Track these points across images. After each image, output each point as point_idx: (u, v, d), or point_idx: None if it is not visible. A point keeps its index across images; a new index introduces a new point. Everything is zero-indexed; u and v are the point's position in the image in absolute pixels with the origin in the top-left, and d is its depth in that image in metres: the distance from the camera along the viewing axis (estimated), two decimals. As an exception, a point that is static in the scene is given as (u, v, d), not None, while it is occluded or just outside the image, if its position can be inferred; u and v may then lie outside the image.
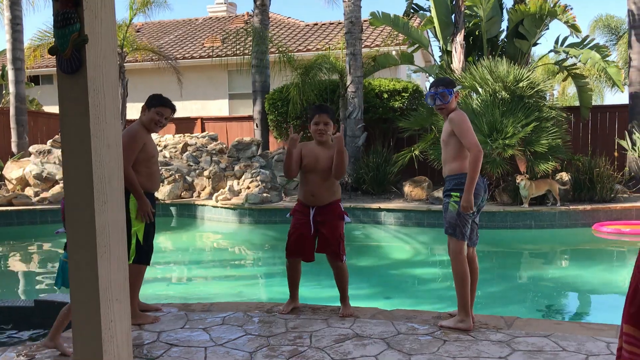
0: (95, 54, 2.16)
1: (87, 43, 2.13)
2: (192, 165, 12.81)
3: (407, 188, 11.29)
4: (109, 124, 2.22)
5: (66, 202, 2.25)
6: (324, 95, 13.20)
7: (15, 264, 8.46)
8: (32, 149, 12.99)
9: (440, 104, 3.91)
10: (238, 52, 14.27)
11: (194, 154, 13.19)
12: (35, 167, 12.13)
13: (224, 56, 16.41)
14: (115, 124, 2.25)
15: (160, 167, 12.24)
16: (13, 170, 12.36)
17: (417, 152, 11.89)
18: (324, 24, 20.57)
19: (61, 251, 3.45)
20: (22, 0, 14.21)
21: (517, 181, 9.87)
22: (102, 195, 2.18)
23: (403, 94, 13.26)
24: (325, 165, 4.19)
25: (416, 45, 14.19)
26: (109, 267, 2.22)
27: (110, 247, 2.23)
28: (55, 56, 2.23)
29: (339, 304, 4.27)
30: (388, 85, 13.37)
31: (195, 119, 16.96)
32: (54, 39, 2.24)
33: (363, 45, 13.90)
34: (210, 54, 18.36)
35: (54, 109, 19.27)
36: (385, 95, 13.23)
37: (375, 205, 10.54)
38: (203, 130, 16.37)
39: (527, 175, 9.99)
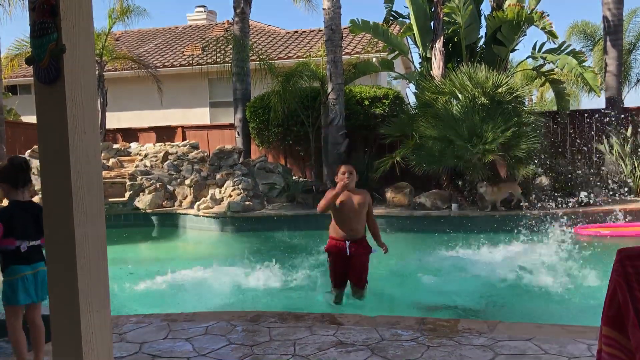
0: (73, 63, 2.14)
1: (64, 53, 2.11)
2: (173, 174, 12.73)
3: (389, 194, 11.33)
4: (87, 134, 2.20)
5: (45, 213, 2.22)
6: (305, 103, 13.23)
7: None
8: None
9: None
10: (218, 60, 14.27)
11: (175, 162, 13.11)
12: (13, 178, 11.95)
13: (204, 64, 16.36)
14: (94, 135, 2.23)
15: (141, 176, 12.15)
16: (-10, 182, 12.17)
17: (398, 159, 11.95)
18: (304, 32, 20.63)
19: None
20: (-1, 9, 14.03)
21: (478, 189, 10.10)
22: (81, 206, 2.16)
23: (384, 100, 13.33)
24: (357, 206, 5.34)
25: (396, 52, 14.30)
26: (88, 278, 2.20)
27: (90, 257, 2.20)
28: (32, 66, 2.21)
29: (322, 312, 4.28)
30: (369, 92, 13.44)
31: (176, 127, 16.87)
32: (31, 49, 2.21)
33: (343, 53, 13.97)
34: (191, 62, 18.30)
35: (32, 119, 18.99)
36: (367, 102, 13.29)
37: (357, 212, 10.54)
38: (184, 138, 16.28)
39: (484, 182, 10.23)
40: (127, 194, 11.94)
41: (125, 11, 15.52)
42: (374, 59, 15.34)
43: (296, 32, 20.81)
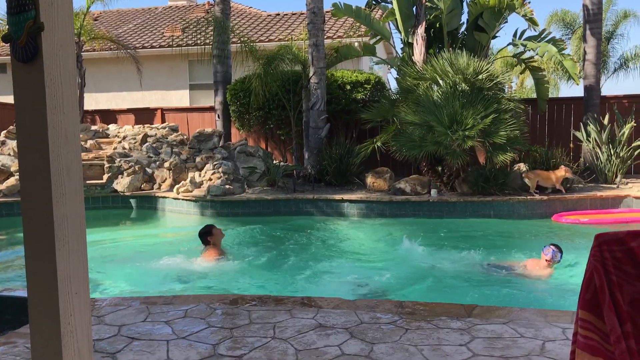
0: (52, 42, 2.10)
1: (43, 31, 2.06)
2: (152, 157, 12.60)
3: (370, 179, 11.37)
4: (66, 114, 2.16)
5: (22, 194, 2.18)
6: (287, 86, 13.16)
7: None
8: (-16, 140, 12.56)
9: None
10: (199, 42, 14.08)
11: (154, 145, 12.97)
12: (-12, 158, 11.73)
13: (184, 46, 16.13)
14: (74, 115, 2.19)
15: (119, 159, 12.01)
16: (-36, 162, 11.93)
17: (379, 144, 11.98)
18: (286, 14, 20.46)
19: None
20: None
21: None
22: (60, 187, 2.13)
23: (365, 85, 13.32)
24: None
25: (378, 37, 14.26)
26: (67, 260, 2.17)
27: (69, 239, 2.17)
28: (9, 44, 2.16)
29: (302, 295, 4.29)
30: (351, 77, 13.41)
31: (155, 109, 16.67)
32: (7, 27, 2.16)
33: (325, 37, 13.89)
34: (171, 43, 18.04)
35: (9, 99, 18.67)
36: (348, 87, 13.26)
37: (338, 197, 10.59)
38: (163, 121, 16.12)
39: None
40: (106, 177, 11.80)
41: (103, -10, 15.21)
42: (356, 44, 15.29)
43: (278, 14, 20.62)
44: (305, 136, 13.00)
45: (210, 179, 11.41)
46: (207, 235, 6.94)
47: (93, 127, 13.93)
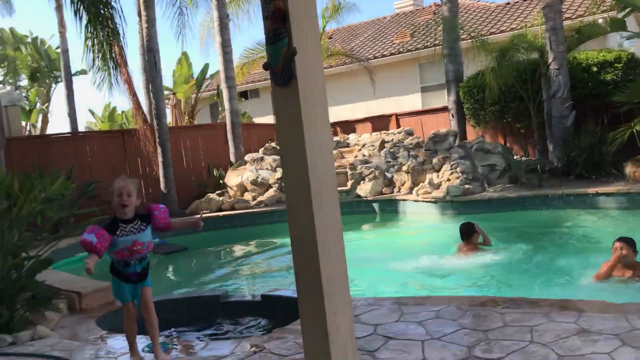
0: (304, 64, 2.30)
1: (295, 55, 2.28)
2: (390, 162, 13.01)
3: (629, 169, 10.14)
4: (320, 129, 2.35)
5: (287, 203, 2.43)
6: (523, 77, 12.46)
7: (241, 262, 9.38)
8: (247, 157, 14.33)
9: None
10: (428, 44, 14.18)
11: (392, 150, 13.38)
12: (251, 173, 13.36)
13: (414, 50, 16.39)
14: (326, 129, 2.38)
15: (360, 166, 12.66)
16: (233, 178, 13.76)
17: (638, 128, 10.62)
18: (516, 2, 19.42)
19: None
20: (230, 24, 15.73)
21: None
22: (318, 195, 2.32)
23: (616, 64, 11.93)
24: None
25: (628, 9, 12.67)
26: (328, 261, 2.35)
27: (329, 242, 2.35)
28: (268, 71, 2.43)
29: (558, 298, 4.00)
30: (597, 57, 12.16)
31: (390, 115, 17.19)
32: (266, 55, 2.43)
33: (564, 18, 12.83)
34: (400, 49, 18.47)
35: (263, 119, 21.05)
36: (594, 69, 12.04)
37: (591, 190, 9.66)
38: (398, 126, 16.53)
39: None
40: (349, 183, 12.52)
41: (337, 9, 16.25)
42: (601, 20, 13.81)
43: (508, 3, 19.69)
44: (547, 127, 12.14)
45: (448, 180, 11.34)
46: (469, 232, 6.98)
47: (335, 138, 14.92)
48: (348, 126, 17.74)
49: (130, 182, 3.67)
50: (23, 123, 23.32)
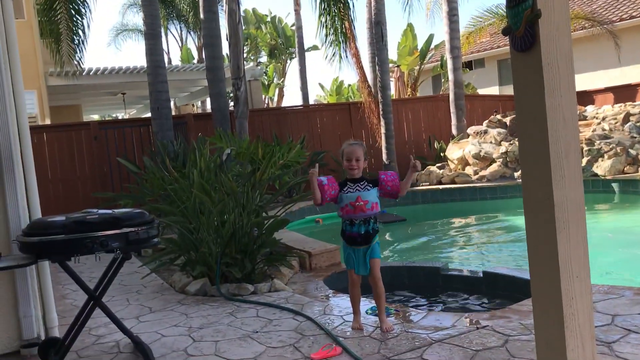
0: (549, 27, 2.13)
1: (540, 17, 2.11)
2: (635, 137, 11.55)
3: None
4: (563, 97, 2.16)
5: (523, 177, 2.30)
6: None
7: (459, 237, 9.24)
8: (470, 130, 13.94)
9: None
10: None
11: (638, 124, 11.85)
12: (473, 147, 12.98)
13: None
14: (571, 97, 2.18)
15: (599, 141, 11.47)
16: (454, 151, 13.53)
17: None
18: None
19: None
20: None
21: None
22: (559, 170, 2.15)
23: None
24: None
25: None
26: (568, 242, 2.17)
27: (569, 221, 2.17)
28: (507, 36, 2.30)
29: None
30: None
31: (637, 85, 15.19)
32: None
33: None
34: (654, 8, 16.12)
35: (487, 90, 20.27)
36: None
37: None
38: (646, 97, 14.56)
39: None
40: (585, 160, 11.44)
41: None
42: None
43: None
44: None
45: None
46: None
47: (569, 110, 13.70)
48: (585, 97, 16.14)
49: (359, 147, 3.83)
50: (262, 96, 25.81)
